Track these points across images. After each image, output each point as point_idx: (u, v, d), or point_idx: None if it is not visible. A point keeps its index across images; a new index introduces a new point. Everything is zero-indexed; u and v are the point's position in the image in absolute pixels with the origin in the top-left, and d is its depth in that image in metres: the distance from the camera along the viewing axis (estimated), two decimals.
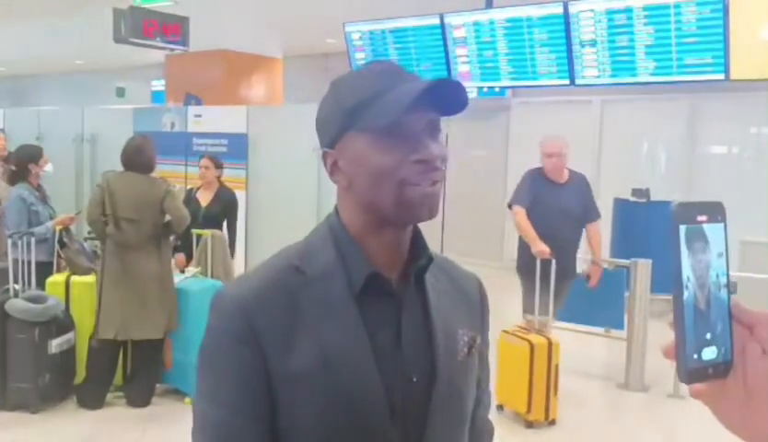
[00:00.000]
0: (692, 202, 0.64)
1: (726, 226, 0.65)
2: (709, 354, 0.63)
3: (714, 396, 0.64)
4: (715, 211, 0.65)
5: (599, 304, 5.14)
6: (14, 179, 5.00)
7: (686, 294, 0.62)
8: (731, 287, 0.65)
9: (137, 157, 4.51)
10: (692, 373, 0.62)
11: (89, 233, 5.00)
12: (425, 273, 1.08)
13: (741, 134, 8.29)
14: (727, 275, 0.64)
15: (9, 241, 4.64)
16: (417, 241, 1.08)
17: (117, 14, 5.92)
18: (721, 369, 0.63)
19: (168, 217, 4.56)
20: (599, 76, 5.69)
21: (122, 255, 4.45)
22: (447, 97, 1.01)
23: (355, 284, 1.02)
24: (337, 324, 1.00)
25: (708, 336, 0.63)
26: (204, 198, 5.66)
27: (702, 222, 0.64)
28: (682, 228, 0.62)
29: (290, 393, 0.98)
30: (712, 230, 0.64)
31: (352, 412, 0.99)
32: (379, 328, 1.02)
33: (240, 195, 7.11)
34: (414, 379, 1.03)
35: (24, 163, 4.95)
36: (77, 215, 5.28)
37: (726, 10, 4.86)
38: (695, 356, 0.62)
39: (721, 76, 5.03)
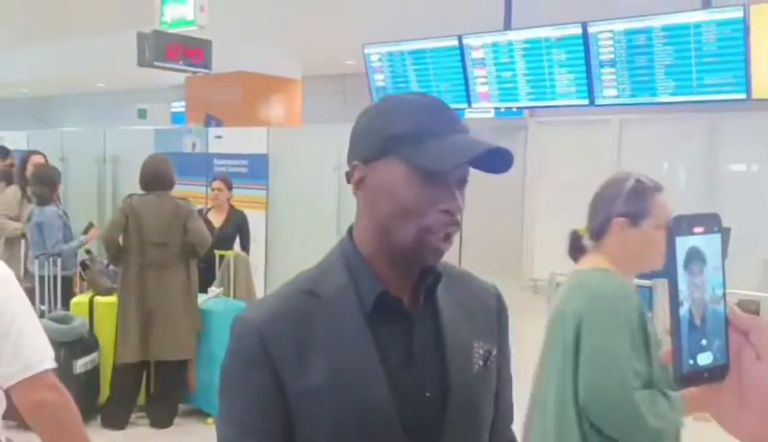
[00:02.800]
0: (689, 214, 0.66)
1: (722, 236, 0.68)
2: (704, 359, 0.66)
3: (711, 399, 0.69)
4: (712, 222, 0.67)
5: None
6: (45, 199, 5.06)
7: (682, 302, 0.65)
8: (726, 299, 0.68)
9: (159, 177, 4.56)
10: (687, 378, 0.66)
11: None
12: (436, 290, 1.11)
13: (762, 154, 8.24)
14: (724, 284, 0.67)
15: (36, 261, 4.71)
16: None
17: (141, 38, 6.00)
18: (717, 374, 0.67)
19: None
20: (618, 96, 5.70)
21: (145, 276, 4.47)
22: (501, 155, 1.04)
23: (366, 304, 1.05)
24: (348, 344, 1.04)
25: (704, 342, 0.66)
26: (217, 219, 5.70)
27: (698, 233, 0.66)
28: (679, 241, 0.65)
29: (305, 410, 1.02)
30: (708, 241, 0.67)
31: (365, 428, 1.02)
32: (392, 346, 1.06)
33: (261, 215, 7.16)
34: (428, 394, 1.06)
35: (55, 185, 5.05)
36: (90, 225, 5.35)
37: (746, 30, 4.87)
38: (690, 362, 0.65)
39: (742, 96, 5.02)
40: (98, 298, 4.80)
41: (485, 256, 9.53)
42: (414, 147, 1.01)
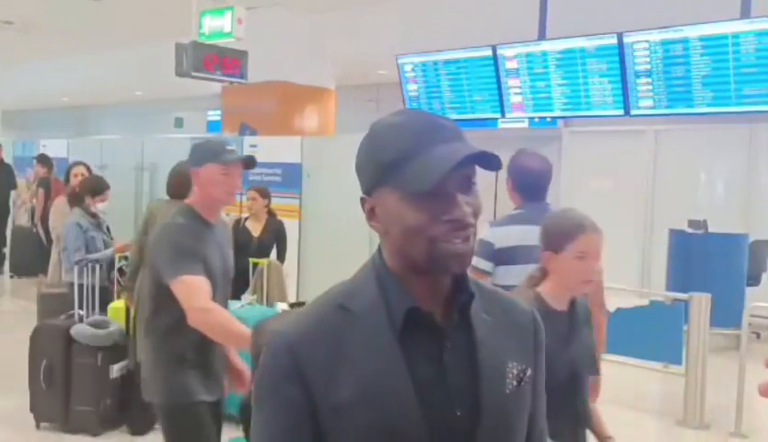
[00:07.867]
0: None
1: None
2: None
3: None
4: None
5: (656, 338, 5.05)
6: (71, 202, 5.21)
7: None
8: None
9: (179, 185, 4.64)
10: None
11: None
12: (470, 308, 1.10)
13: None
14: None
15: (75, 268, 4.81)
16: (459, 277, 1.10)
17: (179, 49, 6.11)
18: None
19: None
20: (654, 107, 5.65)
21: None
22: (481, 159, 1.04)
23: (397, 319, 1.05)
24: (378, 359, 1.04)
25: None
26: (255, 228, 5.77)
27: None
28: None
29: (335, 425, 1.03)
30: None
31: None
32: (422, 362, 1.05)
33: (294, 223, 7.23)
34: (458, 413, 1.05)
35: (82, 192, 5.15)
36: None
37: None
38: None
39: None
40: None
41: None
42: (399, 172, 1.02)
